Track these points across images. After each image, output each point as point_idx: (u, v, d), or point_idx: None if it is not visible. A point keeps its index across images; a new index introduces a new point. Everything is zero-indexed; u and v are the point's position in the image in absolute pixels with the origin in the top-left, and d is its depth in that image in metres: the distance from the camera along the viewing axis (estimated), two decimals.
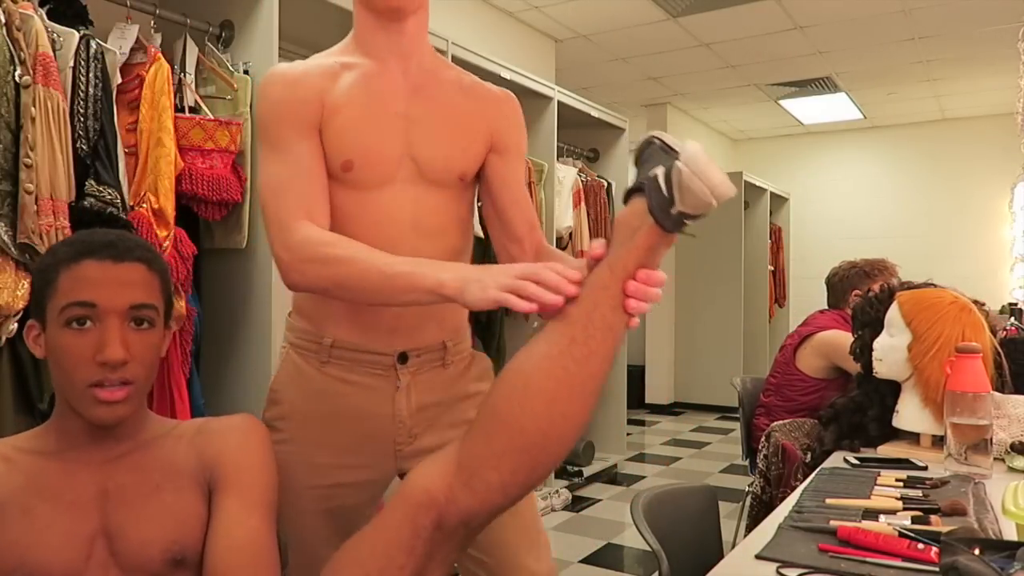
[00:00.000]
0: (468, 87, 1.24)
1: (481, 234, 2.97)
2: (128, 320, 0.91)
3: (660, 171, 0.85)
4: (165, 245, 1.83)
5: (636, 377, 6.09)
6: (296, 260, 1.06)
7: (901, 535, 1.05)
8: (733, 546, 1.16)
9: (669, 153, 0.89)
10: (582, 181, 4.01)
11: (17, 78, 1.57)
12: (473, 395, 1.25)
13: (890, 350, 1.68)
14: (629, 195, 0.91)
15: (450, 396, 1.23)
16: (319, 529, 1.17)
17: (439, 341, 1.21)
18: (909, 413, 1.66)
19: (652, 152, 0.92)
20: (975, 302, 1.69)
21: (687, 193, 0.82)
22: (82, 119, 1.71)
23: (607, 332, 0.86)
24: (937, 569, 0.85)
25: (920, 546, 1.01)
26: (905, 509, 1.21)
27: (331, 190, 1.12)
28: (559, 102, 3.73)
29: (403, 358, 1.18)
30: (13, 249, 1.57)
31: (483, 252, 2.54)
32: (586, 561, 2.97)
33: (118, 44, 1.88)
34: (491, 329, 3.40)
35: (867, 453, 1.65)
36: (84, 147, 1.71)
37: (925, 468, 1.50)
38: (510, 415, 0.86)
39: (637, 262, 0.86)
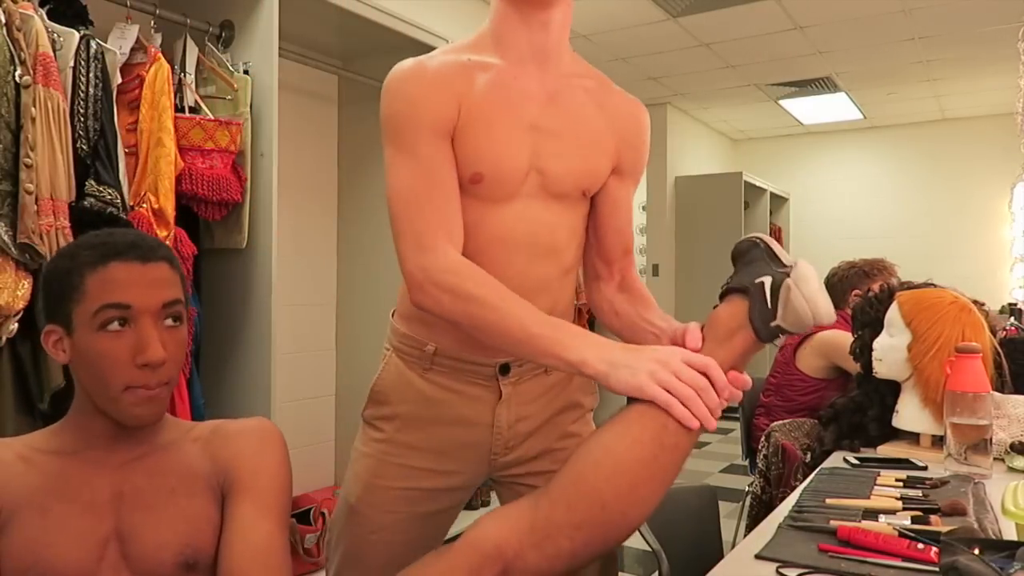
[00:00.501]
0: (603, 97, 1.15)
1: None
2: (161, 319, 0.91)
3: (767, 281, 0.89)
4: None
5: None
6: (431, 285, 1.00)
7: (901, 535, 1.05)
8: (733, 546, 1.16)
9: (775, 263, 0.92)
10: None
11: (17, 78, 1.57)
12: (574, 406, 1.22)
13: (890, 350, 1.68)
14: (727, 292, 0.93)
15: (552, 407, 1.20)
16: (397, 529, 1.15)
17: None
18: (909, 413, 1.66)
19: (756, 255, 0.95)
20: (975, 302, 1.69)
21: (790, 312, 0.87)
22: (82, 119, 1.71)
23: None
24: (937, 569, 0.85)
25: (920, 546, 1.01)
26: (905, 509, 1.21)
27: None
28: None
29: (504, 369, 1.14)
30: (13, 249, 1.57)
31: None
32: None
33: (118, 44, 1.88)
34: None
35: (867, 453, 1.65)
36: (84, 147, 1.71)
37: (925, 468, 1.50)
38: (595, 490, 0.86)
39: (729, 364, 0.90)
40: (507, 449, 1.18)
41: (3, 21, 1.57)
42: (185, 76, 2.04)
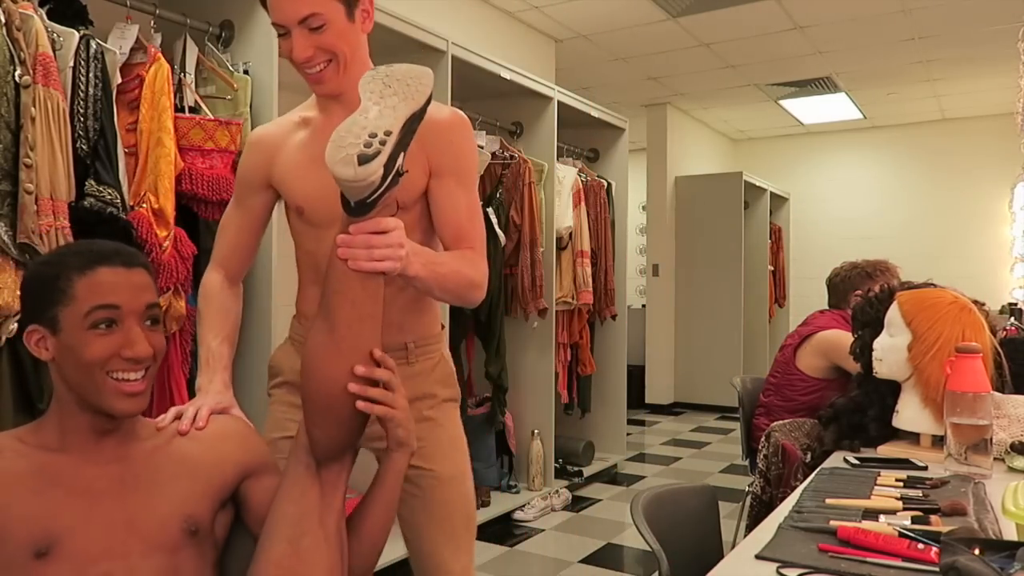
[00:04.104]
0: None
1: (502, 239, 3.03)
2: (144, 320, 1.00)
3: None
4: (165, 245, 1.82)
5: (636, 377, 6.08)
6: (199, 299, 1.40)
7: (901, 535, 1.05)
8: (733, 546, 1.16)
9: None
10: (582, 181, 4.01)
11: (17, 78, 1.57)
12: (430, 396, 1.41)
13: (890, 350, 1.68)
14: None
15: (411, 393, 1.29)
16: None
17: (401, 343, 1.37)
18: (909, 413, 1.66)
19: None
20: (975, 302, 1.69)
21: None
22: (82, 119, 1.71)
23: None
24: (937, 569, 0.85)
25: (920, 546, 1.01)
26: (905, 509, 1.21)
27: (297, 227, 1.38)
28: (559, 102, 3.72)
29: None
30: (13, 249, 1.57)
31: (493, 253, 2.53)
32: (586, 561, 2.97)
33: (118, 44, 1.88)
34: (491, 328, 3.40)
35: (867, 453, 1.65)
36: (84, 147, 1.71)
37: (925, 468, 1.50)
38: None
39: None
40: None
41: (3, 21, 1.57)
42: (185, 76, 2.04)
